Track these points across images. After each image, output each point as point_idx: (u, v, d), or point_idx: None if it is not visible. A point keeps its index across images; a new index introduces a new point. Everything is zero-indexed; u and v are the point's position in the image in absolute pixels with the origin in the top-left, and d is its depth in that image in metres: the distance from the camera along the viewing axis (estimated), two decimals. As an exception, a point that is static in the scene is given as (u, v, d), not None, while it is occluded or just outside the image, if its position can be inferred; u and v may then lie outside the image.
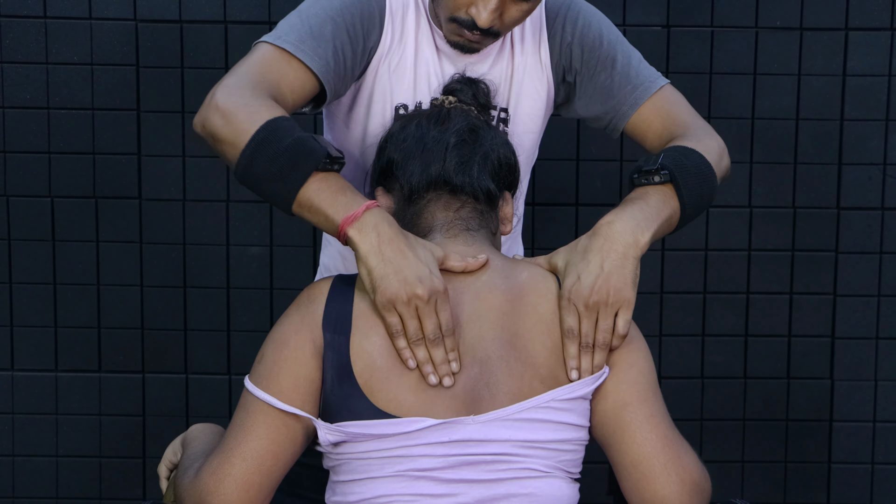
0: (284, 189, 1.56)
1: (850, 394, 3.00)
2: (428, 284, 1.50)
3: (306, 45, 1.72)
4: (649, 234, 1.60)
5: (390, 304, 1.51)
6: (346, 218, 1.53)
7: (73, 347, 2.98)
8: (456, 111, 1.72)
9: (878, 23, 2.90)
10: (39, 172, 2.92)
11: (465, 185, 1.64)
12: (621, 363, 1.57)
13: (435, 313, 1.51)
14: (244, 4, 2.88)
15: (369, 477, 1.51)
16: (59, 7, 2.88)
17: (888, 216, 2.95)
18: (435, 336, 1.51)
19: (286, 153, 1.55)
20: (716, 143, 1.82)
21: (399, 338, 1.51)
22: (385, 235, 1.52)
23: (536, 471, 1.52)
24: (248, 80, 1.66)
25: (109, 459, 3.00)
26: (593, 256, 1.56)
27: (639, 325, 1.64)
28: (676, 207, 1.67)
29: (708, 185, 1.72)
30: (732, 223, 2.96)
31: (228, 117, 1.60)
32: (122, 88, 2.90)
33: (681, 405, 2.97)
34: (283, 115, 1.61)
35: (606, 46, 1.88)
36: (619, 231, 1.58)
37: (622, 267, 1.56)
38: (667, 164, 1.67)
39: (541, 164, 2.82)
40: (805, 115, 2.93)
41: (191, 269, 2.96)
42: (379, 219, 1.53)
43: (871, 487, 3.02)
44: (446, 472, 1.50)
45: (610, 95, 1.88)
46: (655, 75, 1.90)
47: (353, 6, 1.79)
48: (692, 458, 1.56)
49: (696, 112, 1.90)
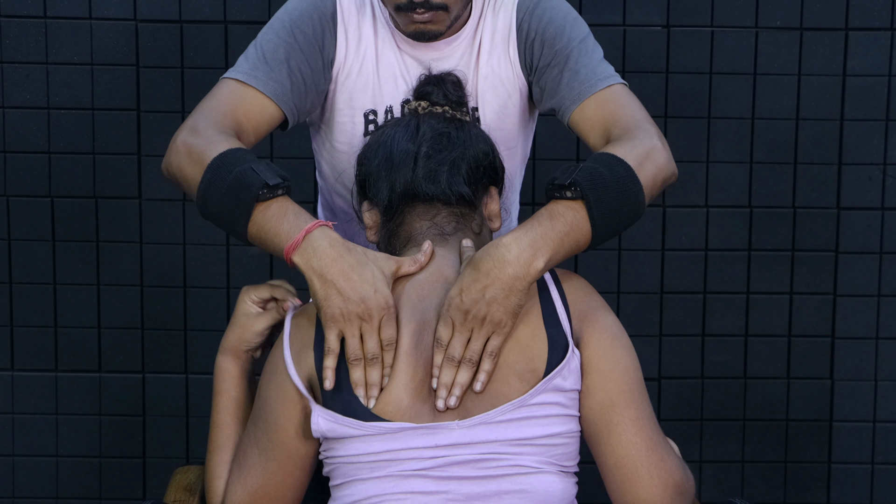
0: (235, 225, 1.60)
1: (850, 394, 3.00)
2: (371, 303, 1.51)
3: (259, 72, 1.79)
4: (544, 261, 1.54)
5: (333, 324, 1.52)
6: (288, 246, 1.55)
7: (73, 347, 2.98)
8: (426, 118, 1.72)
9: (878, 23, 2.90)
10: (39, 172, 2.92)
11: (437, 193, 1.64)
12: (605, 359, 1.56)
13: (377, 331, 1.52)
14: (244, 4, 2.88)
15: (359, 479, 1.53)
16: (59, 7, 2.88)
17: (888, 216, 2.95)
18: (373, 356, 1.52)
19: (228, 192, 1.59)
20: (654, 150, 1.69)
21: (329, 356, 1.53)
22: (327, 258, 1.53)
23: (527, 467, 1.52)
24: (207, 116, 1.74)
25: (109, 459, 3.00)
26: (481, 278, 1.52)
27: (639, 325, 1.64)
28: (586, 228, 1.58)
29: (630, 202, 1.62)
30: (732, 223, 2.96)
31: (182, 160, 1.68)
32: (122, 88, 2.90)
33: (681, 405, 2.96)
34: (232, 147, 1.65)
35: (565, 42, 1.84)
36: (513, 259, 1.52)
37: (505, 297, 1.52)
38: (579, 180, 1.58)
39: (541, 165, 2.82)
40: (805, 115, 2.93)
41: (191, 269, 2.96)
42: (320, 242, 1.54)
43: (871, 487, 3.02)
44: (436, 470, 1.51)
45: (557, 90, 1.83)
46: (607, 74, 1.83)
47: (303, 23, 1.83)
48: (675, 461, 1.57)
49: (646, 114, 1.78)
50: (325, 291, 1.52)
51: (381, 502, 1.51)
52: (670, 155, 1.73)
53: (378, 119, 1.89)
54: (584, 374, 1.56)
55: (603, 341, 1.57)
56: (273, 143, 2.90)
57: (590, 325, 1.58)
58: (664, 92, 2.91)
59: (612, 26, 2.87)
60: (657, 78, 2.91)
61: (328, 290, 1.52)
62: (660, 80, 2.90)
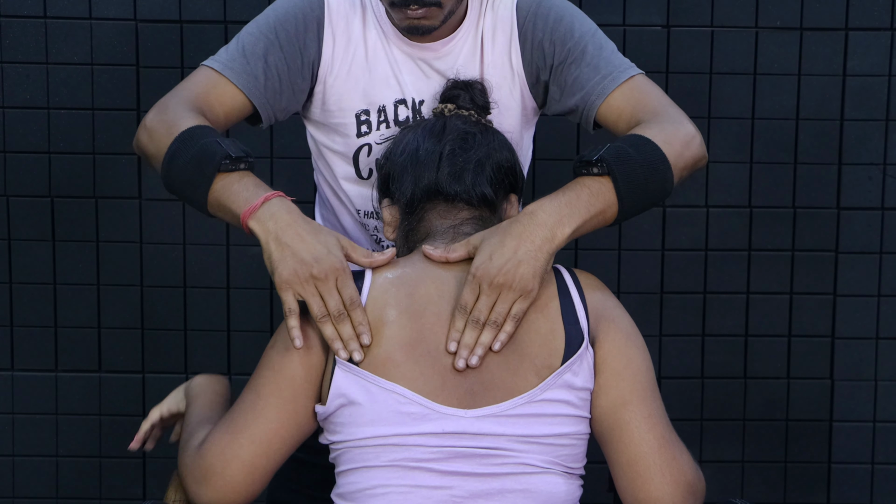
0: (196, 194, 1.64)
1: (850, 394, 3.00)
2: (326, 263, 1.53)
3: (236, 64, 1.82)
4: (570, 229, 1.58)
5: (287, 285, 1.55)
6: (245, 211, 1.59)
7: (73, 347, 2.98)
8: (453, 119, 1.73)
9: (878, 23, 2.90)
10: (39, 172, 2.92)
11: (460, 192, 1.65)
12: (619, 358, 1.57)
13: (336, 290, 1.53)
14: (244, 4, 2.88)
15: (365, 466, 1.53)
16: (59, 7, 2.88)
17: (888, 216, 2.95)
18: (338, 312, 1.53)
19: (192, 160, 1.64)
20: (682, 131, 1.75)
21: (290, 317, 1.55)
22: (283, 222, 1.57)
23: (533, 466, 1.52)
24: (179, 96, 1.80)
25: (109, 459, 3.00)
26: (510, 241, 1.55)
27: (638, 325, 1.64)
28: (612, 201, 1.62)
29: (657, 178, 1.66)
30: (732, 223, 2.96)
31: (152, 133, 1.73)
32: (122, 88, 2.90)
33: (681, 405, 2.96)
34: (200, 124, 1.69)
35: (577, 38, 1.85)
36: (539, 223, 1.57)
37: (535, 258, 1.55)
38: (605, 157, 1.62)
39: (541, 165, 2.82)
40: (805, 115, 2.93)
41: (191, 269, 2.96)
42: (277, 208, 1.58)
43: (871, 487, 3.02)
44: (441, 463, 1.51)
45: (580, 87, 1.84)
46: (627, 65, 1.86)
47: (287, 22, 1.85)
48: (687, 460, 1.56)
49: (670, 101, 1.84)
50: (281, 253, 1.55)
51: (386, 493, 1.51)
52: (702, 139, 1.77)
53: (371, 119, 1.89)
54: (597, 372, 1.57)
55: (617, 340, 1.58)
56: (273, 143, 2.90)
57: (606, 324, 1.59)
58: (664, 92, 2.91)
59: (612, 26, 2.87)
60: (657, 78, 2.89)
61: (283, 251, 1.55)
62: (660, 80, 2.90)
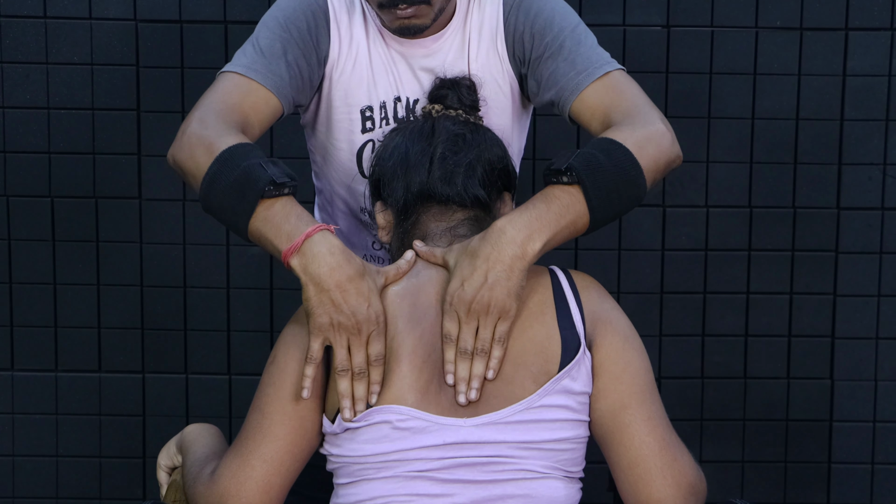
0: (236, 220, 1.58)
1: (850, 394, 3.00)
2: (362, 317, 1.51)
3: (258, 65, 1.80)
4: (540, 244, 1.55)
5: (319, 331, 1.52)
6: (286, 249, 1.53)
7: (73, 347, 2.98)
8: (441, 120, 1.72)
9: (878, 23, 2.90)
10: (39, 172, 2.92)
11: (453, 196, 1.64)
12: (617, 361, 1.56)
13: (365, 346, 1.52)
14: (244, 4, 2.88)
15: (365, 479, 1.52)
16: (59, 7, 2.88)
17: (888, 216, 2.95)
18: (360, 371, 1.52)
19: (234, 185, 1.57)
20: (654, 132, 1.68)
21: (309, 365, 1.53)
22: (325, 266, 1.51)
23: (533, 471, 1.52)
24: (213, 109, 1.74)
25: (109, 459, 3.00)
26: (480, 264, 1.53)
27: (638, 325, 1.63)
28: (583, 212, 1.59)
29: (629, 184, 1.62)
30: (732, 223, 2.96)
31: (192, 150, 1.67)
32: (122, 88, 2.90)
33: (681, 405, 2.97)
34: (240, 142, 1.64)
35: (556, 32, 1.83)
36: (509, 240, 1.54)
37: (507, 279, 1.53)
38: (574, 165, 1.58)
39: (541, 165, 2.82)
40: (805, 115, 2.93)
41: (191, 269, 2.96)
42: (319, 247, 1.52)
43: (871, 487, 3.02)
44: (442, 472, 1.50)
45: (555, 82, 1.81)
46: (603, 61, 1.81)
47: (298, 20, 1.84)
48: (688, 461, 1.56)
49: (646, 98, 1.77)
50: (319, 299, 1.51)
51: (388, 503, 1.51)
52: (674, 138, 1.71)
53: (374, 115, 1.90)
54: (595, 376, 1.56)
55: (615, 343, 1.57)
56: (273, 143, 2.90)
57: (603, 327, 1.58)
58: (664, 92, 2.91)
59: (612, 26, 2.87)
60: (657, 78, 2.91)
61: (322, 297, 1.51)
62: (660, 80, 2.90)
